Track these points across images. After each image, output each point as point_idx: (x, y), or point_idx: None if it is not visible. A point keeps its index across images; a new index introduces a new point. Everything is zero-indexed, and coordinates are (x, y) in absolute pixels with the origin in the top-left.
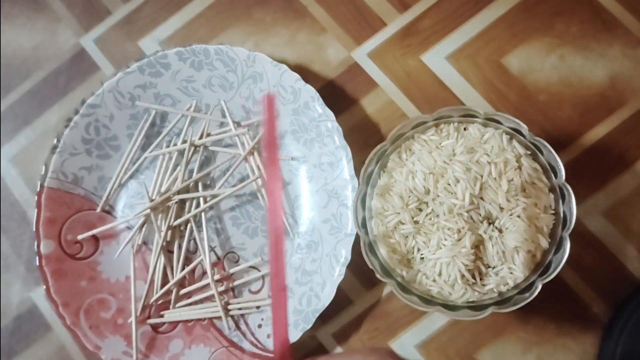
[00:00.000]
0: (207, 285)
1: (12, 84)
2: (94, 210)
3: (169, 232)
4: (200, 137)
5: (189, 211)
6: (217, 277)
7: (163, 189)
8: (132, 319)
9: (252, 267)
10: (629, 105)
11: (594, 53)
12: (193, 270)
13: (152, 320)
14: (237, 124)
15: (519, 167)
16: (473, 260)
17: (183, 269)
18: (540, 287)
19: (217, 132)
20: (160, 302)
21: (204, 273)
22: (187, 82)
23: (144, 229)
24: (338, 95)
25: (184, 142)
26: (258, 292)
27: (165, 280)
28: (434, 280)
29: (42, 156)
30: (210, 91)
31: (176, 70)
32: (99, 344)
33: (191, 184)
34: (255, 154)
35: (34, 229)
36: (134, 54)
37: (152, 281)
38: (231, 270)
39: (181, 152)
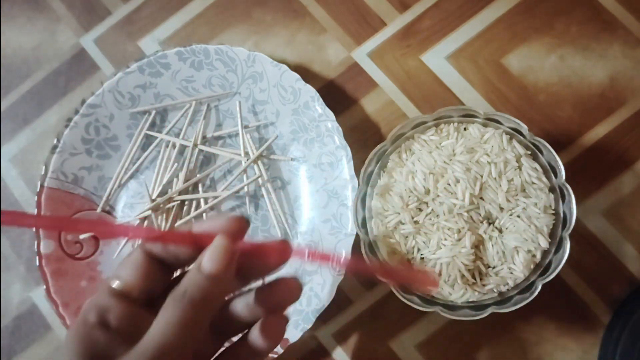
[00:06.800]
0: None
1: (12, 84)
2: (94, 210)
3: None
4: (201, 137)
5: (189, 211)
6: None
7: (163, 190)
8: None
9: None
10: (629, 105)
11: (594, 53)
12: None
13: None
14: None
15: (519, 167)
16: (473, 260)
17: None
18: (540, 287)
19: (217, 132)
20: None
21: None
22: (187, 82)
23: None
24: (338, 95)
25: (184, 142)
26: None
27: None
28: None
29: (42, 156)
30: (210, 91)
31: (176, 70)
32: None
33: (191, 185)
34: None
35: (34, 229)
36: (134, 54)
37: None
38: None
39: (181, 152)
